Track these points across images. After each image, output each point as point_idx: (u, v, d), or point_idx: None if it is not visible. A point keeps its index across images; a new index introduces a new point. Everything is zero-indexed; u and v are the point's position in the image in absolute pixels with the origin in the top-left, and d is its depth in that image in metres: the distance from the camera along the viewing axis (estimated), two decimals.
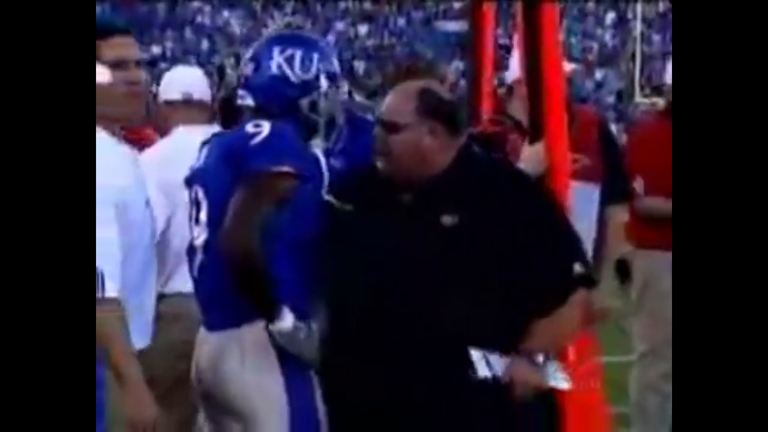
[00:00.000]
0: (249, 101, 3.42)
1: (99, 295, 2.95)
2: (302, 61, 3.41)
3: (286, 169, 3.22)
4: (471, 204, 3.23)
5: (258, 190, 3.19)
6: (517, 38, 3.88)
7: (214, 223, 3.25)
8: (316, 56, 3.43)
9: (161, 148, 4.54)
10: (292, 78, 3.41)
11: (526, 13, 3.67)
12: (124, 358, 3.04)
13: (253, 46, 3.50)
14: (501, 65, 4.69)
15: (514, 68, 4.26)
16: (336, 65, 3.50)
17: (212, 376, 3.27)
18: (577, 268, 3.26)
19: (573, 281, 3.26)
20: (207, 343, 3.33)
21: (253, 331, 3.21)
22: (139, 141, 4.08)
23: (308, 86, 3.41)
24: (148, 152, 4.31)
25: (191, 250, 3.38)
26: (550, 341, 3.27)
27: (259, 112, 3.39)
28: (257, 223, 3.15)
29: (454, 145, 3.30)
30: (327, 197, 3.31)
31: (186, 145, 3.75)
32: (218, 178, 3.29)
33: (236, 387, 3.21)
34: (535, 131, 3.72)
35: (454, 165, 3.28)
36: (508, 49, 5.12)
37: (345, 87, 3.56)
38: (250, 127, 3.28)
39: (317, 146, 3.41)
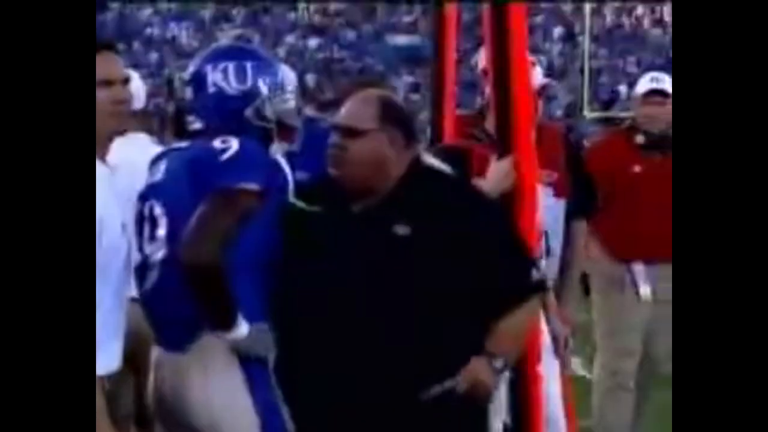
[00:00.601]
0: (197, 125, 3.41)
1: None
2: (236, 72, 3.40)
3: (253, 186, 3.21)
4: (423, 214, 3.23)
5: (224, 206, 3.17)
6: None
7: (175, 240, 3.20)
8: (249, 65, 3.41)
9: None
10: (230, 91, 3.39)
11: (494, 18, 3.63)
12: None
13: (187, 71, 3.49)
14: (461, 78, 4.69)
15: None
16: (275, 70, 3.47)
17: (175, 398, 3.24)
18: (535, 273, 3.31)
19: (530, 286, 3.30)
20: (166, 364, 3.30)
21: (213, 343, 3.20)
22: None
23: (248, 95, 3.40)
24: None
25: (142, 267, 3.32)
26: (510, 344, 3.29)
27: (210, 133, 3.36)
28: (221, 237, 3.13)
29: (408, 156, 3.31)
30: (293, 200, 3.31)
31: (122, 156, 3.63)
32: (181, 194, 3.25)
33: (203, 408, 3.19)
34: (502, 145, 3.72)
35: (406, 176, 3.29)
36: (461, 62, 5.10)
37: (292, 92, 3.54)
38: (217, 143, 3.27)
39: (276, 151, 3.42)
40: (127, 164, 3.46)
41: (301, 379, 3.24)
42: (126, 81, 3.21)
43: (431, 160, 3.78)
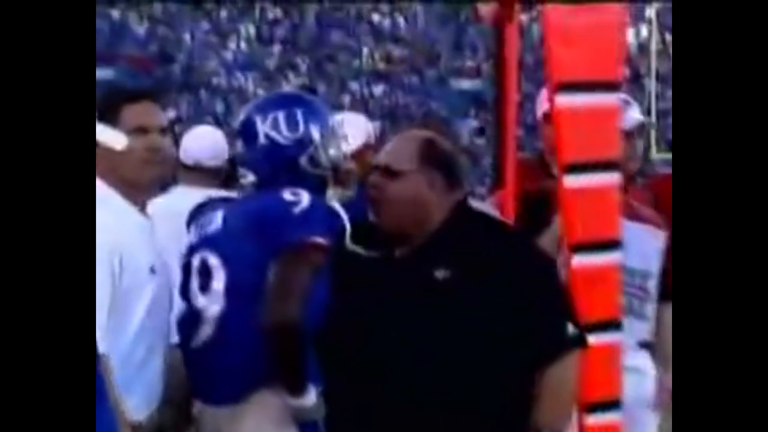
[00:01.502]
0: (251, 178, 3.34)
1: None
2: (287, 120, 3.32)
3: (324, 240, 3.14)
4: (464, 259, 3.14)
5: (302, 261, 3.10)
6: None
7: (235, 294, 3.14)
8: (299, 111, 3.34)
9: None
10: (283, 141, 3.32)
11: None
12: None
13: (236, 123, 3.44)
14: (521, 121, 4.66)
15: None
16: (327, 116, 3.40)
17: None
18: (570, 329, 3.18)
19: (566, 341, 3.17)
20: (212, 418, 3.20)
21: (268, 400, 3.12)
22: None
23: (302, 143, 3.32)
24: None
25: (193, 320, 3.22)
26: (557, 413, 3.18)
27: (265, 185, 3.30)
28: (303, 295, 3.05)
29: (450, 200, 3.21)
30: (351, 246, 3.20)
31: (178, 206, 3.65)
32: (242, 246, 3.16)
33: None
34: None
35: (449, 221, 3.20)
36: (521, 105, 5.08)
37: (345, 136, 3.44)
38: (287, 195, 3.18)
39: (332, 198, 3.34)
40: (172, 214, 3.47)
41: (339, 425, 3.17)
42: (163, 130, 3.18)
43: (479, 205, 3.72)
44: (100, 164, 2.99)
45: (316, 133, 3.33)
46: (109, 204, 3.09)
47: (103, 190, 3.09)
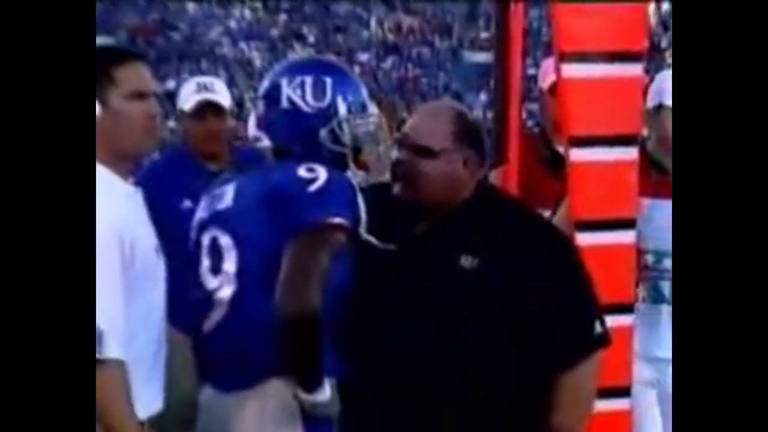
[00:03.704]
0: (266, 142, 3.20)
1: (97, 355, 2.69)
2: (314, 88, 3.17)
3: (343, 221, 2.98)
4: (491, 246, 3.09)
5: (318, 244, 2.93)
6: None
7: (248, 276, 3.02)
8: (329, 80, 3.19)
9: None
10: (305, 108, 3.16)
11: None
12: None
13: (262, 86, 3.28)
14: (529, 96, 4.65)
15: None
16: (358, 90, 3.23)
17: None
18: (598, 327, 3.15)
19: (593, 340, 3.14)
20: (219, 403, 3.10)
21: (277, 389, 3.01)
22: None
23: (325, 115, 3.16)
24: None
25: (203, 302, 3.10)
26: (577, 414, 3.15)
27: (279, 153, 3.19)
28: (320, 280, 2.89)
29: (477, 177, 3.19)
30: (366, 236, 3.07)
31: None
32: (254, 225, 3.02)
33: None
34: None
35: (472, 199, 3.16)
36: (535, 80, 5.17)
37: (375, 112, 3.28)
38: (302, 171, 3.03)
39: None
40: None
41: (357, 414, 3.10)
42: (157, 95, 2.99)
43: (494, 181, 3.78)
44: None
45: (342, 107, 3.18)
46: (109, 182, 2.89)
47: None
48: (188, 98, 4.81)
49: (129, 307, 2.80)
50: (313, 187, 2.98)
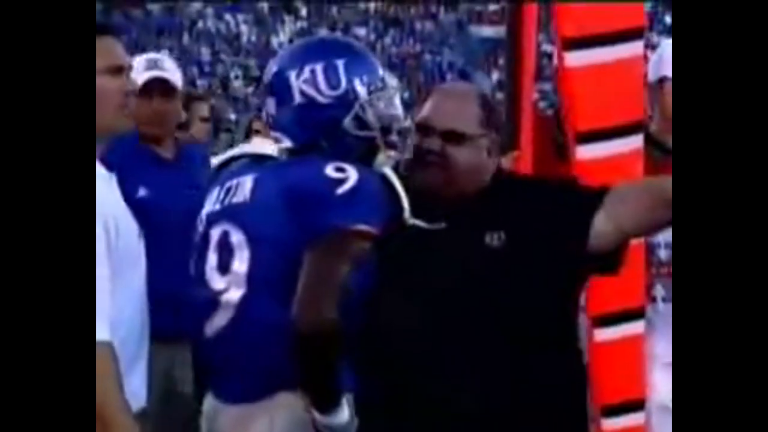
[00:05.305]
0: (287, 143, 3.13)
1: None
2: (326, 75, 3.13)
3: (369, 229, 2.96)
4: (514, 222, 3.16)
5: (341, 253, 2.92)
6: None
7: (260, 278, 3.00)
8: (340, 63, 3.14)
9: None
10: (322, 100, 3.12)
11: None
12: (117, 416, 2.79)
13: (265, 77, 3.24)
14: (542, 75, 4.53)
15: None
16: (374, 66, 3.21)
17: None
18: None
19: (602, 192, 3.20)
20: (224, 416, 3.09)
21: (288, 401, 2.98)
22: None
23: (345, 102, 3.12)
24: None
25: (207, 303, 3.08)
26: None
27: (303, 152, 3.12)
28: (338, 292, 2.88)
29: (497, 162, 3.27)
30: (412, 221, 3.10)
31: None
32: (272, 225, 3.00)
33: None
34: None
35: (490, 183, 3.23)
36: (550, 57, 4.99)
37: (394, 83, 3.29)
38: (331, 171, 2.99)
39: (382, 163, 3.15)
40: None
41: (382, 401, 3.09)
42: (130, 70, 3.04)
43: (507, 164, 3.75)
44: None
45: (361, 88, 3.14)
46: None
47: None
48: (137, 76, 4.54)
49: (118, 293, 2.86)
50: (341, 189, 2.96)
